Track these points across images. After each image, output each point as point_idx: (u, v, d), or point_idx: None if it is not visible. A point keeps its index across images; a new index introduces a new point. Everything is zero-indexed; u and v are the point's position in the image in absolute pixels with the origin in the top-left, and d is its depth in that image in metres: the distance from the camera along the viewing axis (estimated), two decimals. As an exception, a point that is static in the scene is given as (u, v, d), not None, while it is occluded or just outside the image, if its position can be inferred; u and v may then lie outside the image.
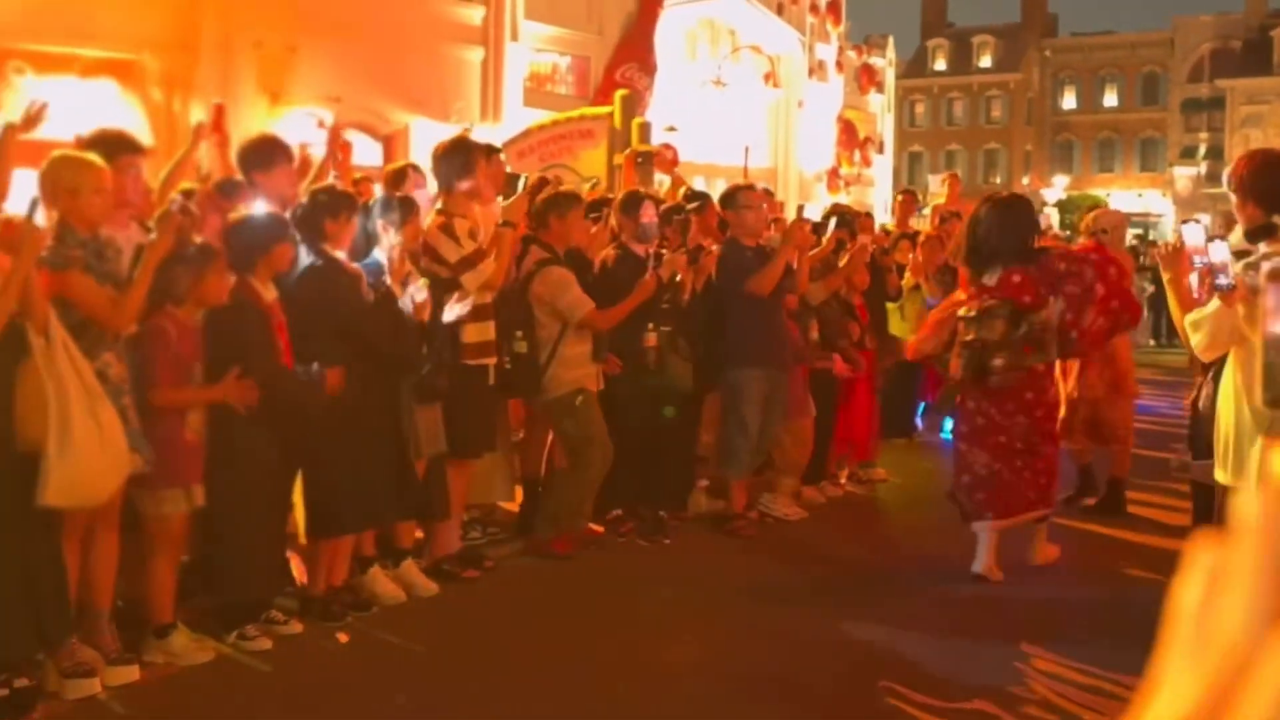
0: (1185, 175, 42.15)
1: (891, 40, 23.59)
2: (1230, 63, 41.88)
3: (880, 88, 21.94)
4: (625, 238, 5.28)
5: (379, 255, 4.24)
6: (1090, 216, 6.27)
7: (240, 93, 9.43)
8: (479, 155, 4.78)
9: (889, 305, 7.09)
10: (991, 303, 4.52)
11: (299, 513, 4.11)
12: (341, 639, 3.92)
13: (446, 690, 3.61)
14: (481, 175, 4.74)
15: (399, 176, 4.97)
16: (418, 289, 4.19)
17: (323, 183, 4.53)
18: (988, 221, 4.62)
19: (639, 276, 5.03)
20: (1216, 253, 3.13)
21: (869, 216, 7.96)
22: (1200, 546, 0.41)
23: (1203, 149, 42.52)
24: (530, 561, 4.89)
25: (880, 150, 21.64)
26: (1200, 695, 0.39)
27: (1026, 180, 42.57)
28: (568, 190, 5.27)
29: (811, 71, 19.03)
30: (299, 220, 4.10)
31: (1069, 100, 47.22)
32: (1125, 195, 43.27)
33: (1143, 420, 7.72)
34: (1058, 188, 41.39)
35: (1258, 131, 38.83)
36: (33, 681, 3.22)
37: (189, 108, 9.51)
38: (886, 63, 22.77)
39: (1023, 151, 45.88)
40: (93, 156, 3.49)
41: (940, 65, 47.38)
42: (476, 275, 4.49)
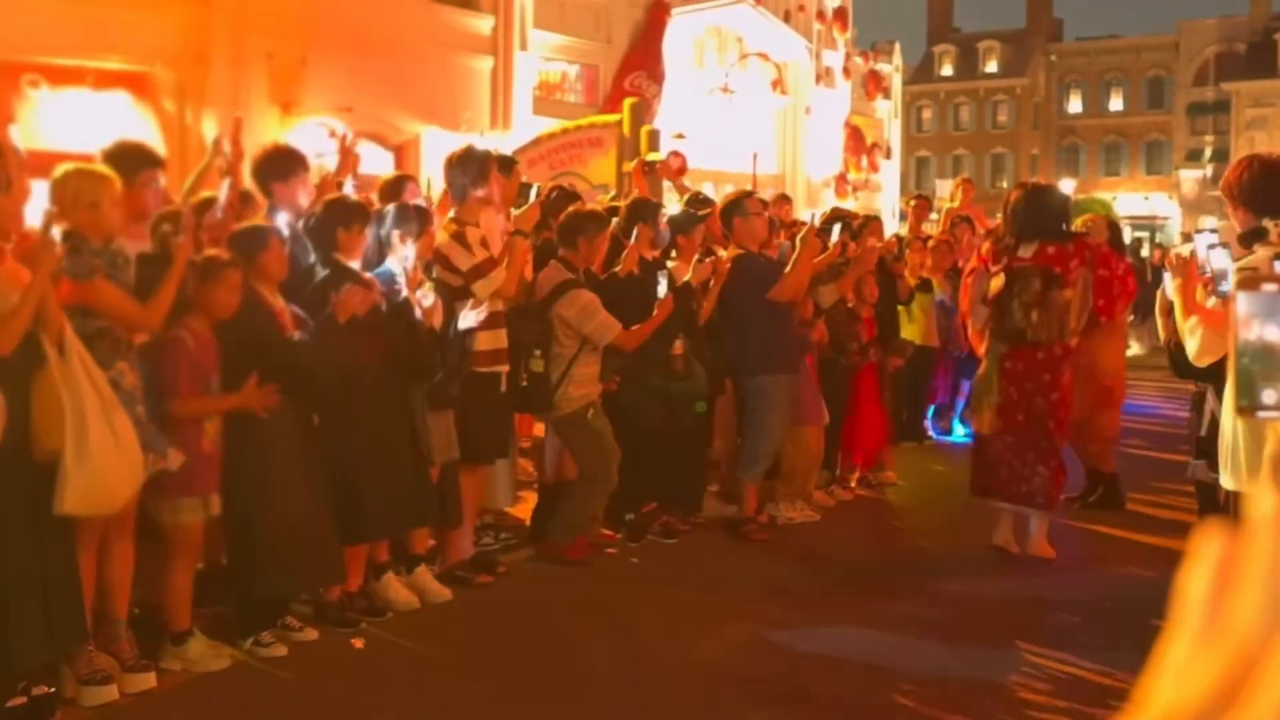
0: (1191, 178, 42.04)
1: (898, 46, 23.66)
2: (1235, 66, 41.81)
3: (887, 93, 22.00)
4: (643, 247, 5.30)
5: (391, 264, 4.27)
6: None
7: (252, 104, 9.51)
8: (492, 164, 4.82)
9: (899, 308, 7.13)
10: (1027, 264, 4.75)
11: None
12: (356, 645, 3.94)
13: (461, 695, 3.62)
14: (494, 184, 4.78)
15: (397, 186, 5.00)
16: (425, 294, 4.22)
17: (336, 193, 4.56)
18: (1023, 203, 4.90)
19: (655, 283, 5.08)
20: (1217, 259, 3.17)
21: (878, 220, 7.99)
22: (1208, 535, 0.42)
23: (1208, 152, 42.41)
24: (543, 567, 4.90)
25: (887, 155, 21.69)
26: (1211, 686, 0.39)
27: (1033, 184, 42.46)
28: (594, 210, 5.28)
29: (819, 78, 19.10)
30: (311, 230, 4.13)
31: (1075, 104, 47.18)
32: (1131, 198, 43.20)
33: (1144, 421, 7.74)
34: (1064, 191, 41.32)
35: (1263, 134, 38.74)
36: (51, 688, 3.24)
37: (201, 119, 9.61)
38: (893, 69, 22.83)
39: (1029, 155, 45.85)
40: (105, 169, 3.53)
41: (946, 71, 47.41)
42: (488, 283, 4.53)
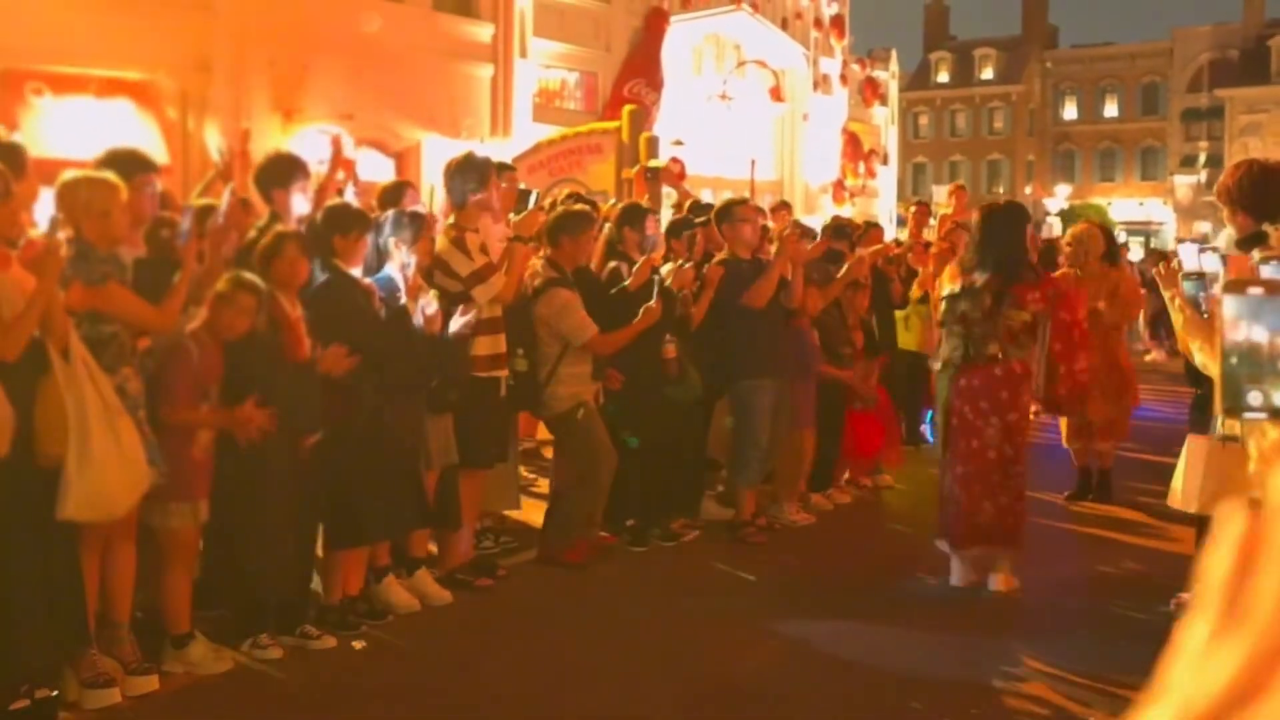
0: (1185, 184, 42.23)
1: (895, 53, 23.79)
2: (1229, 72, 42.03)
3: (884, 100, 22.10)
4: (629, 250, 5.34)
5: (390, 271, 4.29)
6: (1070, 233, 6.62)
7: (254, 111, 9.57)
8: (491, 170, 4.85)
9: (896, 315, 7.17)
10: (980, 281, 4.55)
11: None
12: (357, 648, 3.95)
13: (461, 697, 3.63)
14: (494, 190, 4.81)
15: (396, 193, 5.02)
16: (428, 302, 4.23)
17: (337, 199, 4.59)
18: (983, 229, 4.71)
19: (650, 289, 5.10)
20: (1209, 264, 3.19)
21: (877, 227, 8.03)
22: (1229, 518, 0.41)
23: (1202, 158, 42.62)
24: (543, 570, 4.92)
25: (884, 162, 21.78)
26: (1232, 675, 0.39)
27: (1029, 190, 42.70)
28: (579, 209, 5.28)
29: (816, 85, 19.20)
30: (311, 237, 4.16)
31: (1070, 111, 47.39)
32: (1126, 204, 43.37)
33: (1144, 422, 7.79)
34: (1060, 197, 41.51)
35: (1256, 140, 38.94)
36: (54, 691, 3.25)
37: (203, 126, 9.66)
38: (890, 76, 22.95)
39: (1025, 162, 46.03)
40: (114, 177, 3.54)
41: (943, 78, 47.61)
42: (487, 289, 4.56)
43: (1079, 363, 4.85)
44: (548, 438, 5.82)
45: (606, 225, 5.62)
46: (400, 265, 4.25)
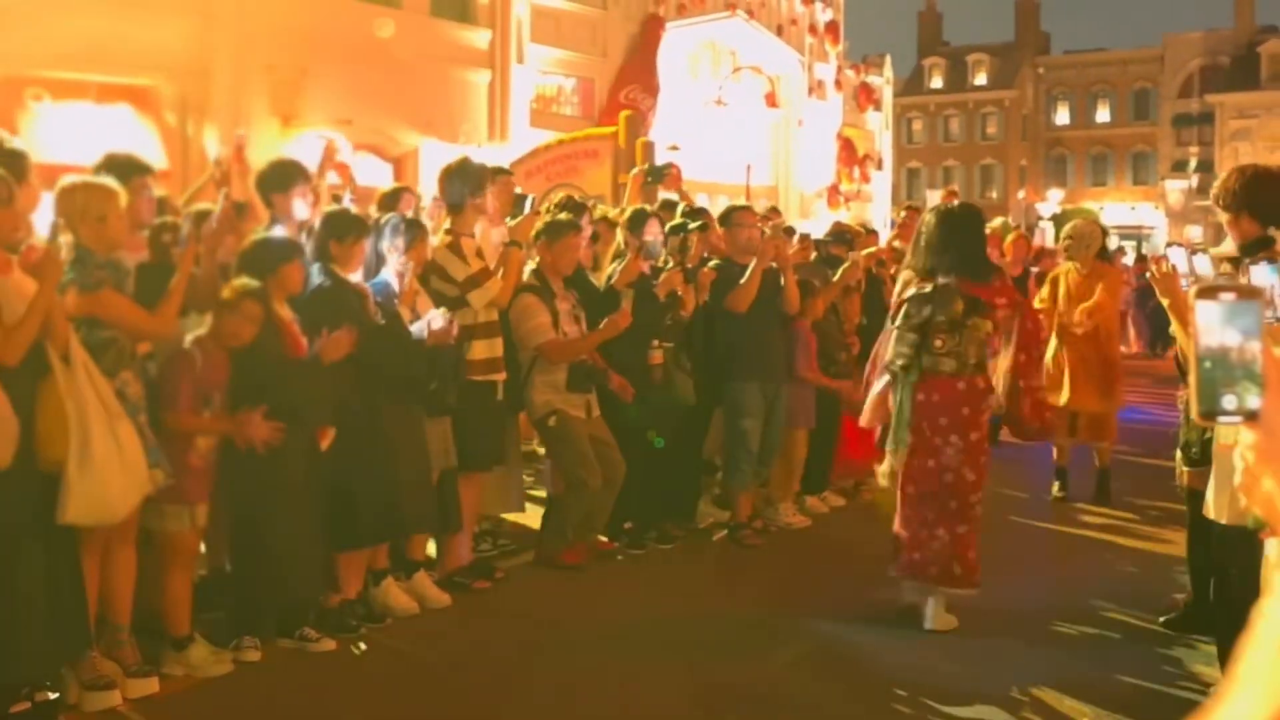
0: (1177, 188, 42.48)
1: (889, 59, 23.92)
2: (1219, 78, 42.32)
3: (878, 106, 22.22)
4: (630, 255, 5.35)
5: (387, 275, 4.33)
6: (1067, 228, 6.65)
7: (253, 116, 9.62)
8: (487, 176, 4.87)
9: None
10: (950, 283, 4.05)
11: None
12: (356, 650, 3.97)
13: (459, 699, 3.65)
14: (490, 195, 4.84)
15: (393, 198, 5.04)
16: (435, 316, 4.25)
17: (336, 205, 4.63)
18: (939, 232, 4.16)
19: (643, 292, 5.10)
20: (1201, 266, 3.14)
21: (874, 233, 8.10)
22: None
23: (1193, 162, 42.90)
24: (540, 572, 4.95)
25: (879, 167, 21.89)
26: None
27: (1022, 194, 42.96)
28: (560, 218, 5.22)
29: (811, 91, 19.30)
30: (312, 242, 4.20)
31: (1062, 116, 47.64)
32: (1118, 208, 43.58)
33: (1136, 426, 7.86)
34: (1052, 201, 41.72)
35: (1247, 145, 39.19)
36: (54, 693, 3.27)
37: (202, 131, 9.70)
38: (884, 81, 23.06)
39: (1018, 166, 46.25)
40: (112, 182, 3.56)
41: (937, 83, 47.84)
42: (483, 293, 4.60)
43: (1035, 379, 4.31)
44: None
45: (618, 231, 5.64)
46: (396, 271, 4.28)
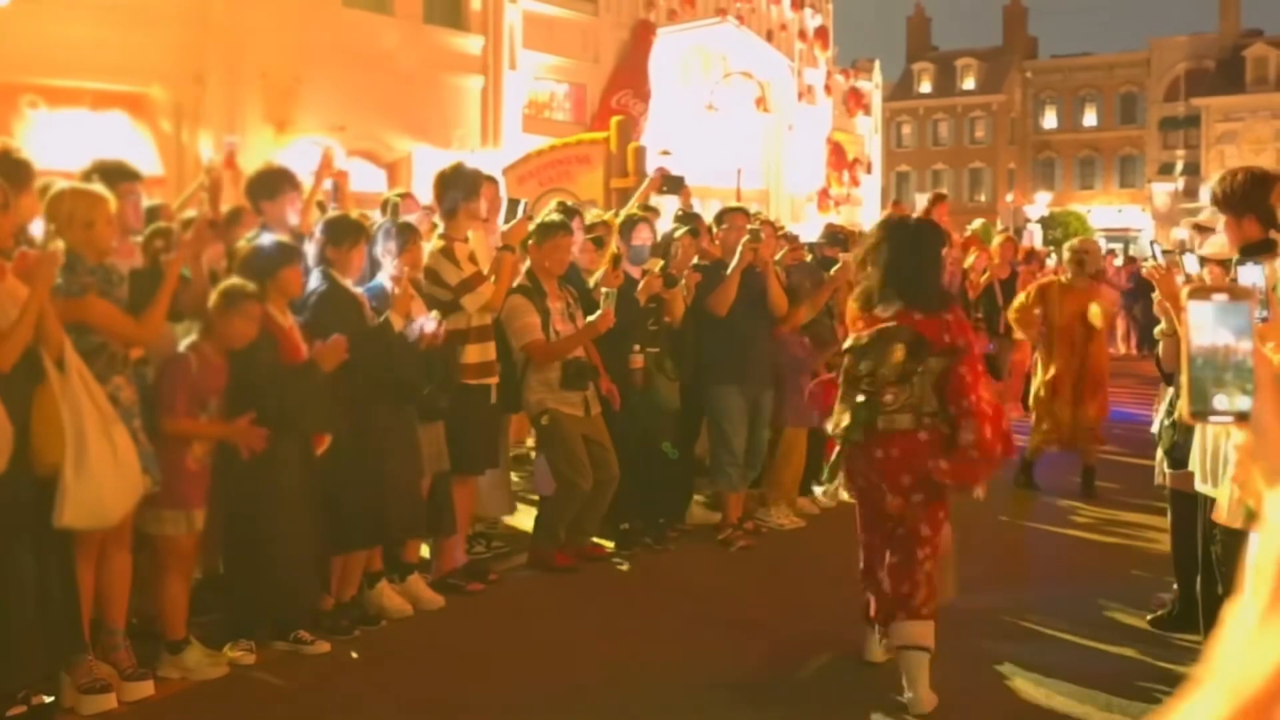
0: (1163, 191, 42.83)
1: (878, 64, 24.08)
2: (1205, 82, 42.70)
3: (867, 110, 22.37)
4: (622, 260, 5.42)
5: (382, 280, 4.38)
6: (1074, 244, 6.74)
7: (247, 123, 9.66)
8: (481, 181, 4.91)
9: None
10: (889, 326, 3.49)
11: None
12: (351, 652, 3.98)
13: (453, 700, 3.67)
14: (483, 200, 4.88)
15: (394, 203, 5.10)
16: (428, 319, 4.28)
17: (335, 212, 4.67)
18: (885, 250, 3.61)
19: (625, 297, 5.15)
20: (1189, 266, 3.11)
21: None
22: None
23: (1180, 165, 43.28)
24: (534, 574, 4.97)
25: (868, 170, 22.03)
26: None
27: (1010, 197, 43.22)
28: (554, 219, 5.26)
29: (801, 95, 19.43)
30: (313, 247, 4.25)
31: (1050, 120, 47.98)
32: (1105, 211, 43.91)
33: (1122, 426, 7.96)
34: (1040, 204, 42.01)
35: (1232, 148, 39.57)
36: (50, 697, 3.28)
37: (197, 138, 9.74)
38: (873, 86, 23.23)
39: (1006, 170, 46.55)
40: (101, 188, 3.59)
41: (925, 87, 48.13)
42: (476, 298, 4.64)
43: (968, 434, 3.46)
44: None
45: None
46: (391, 276, 4.32)
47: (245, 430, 3.71)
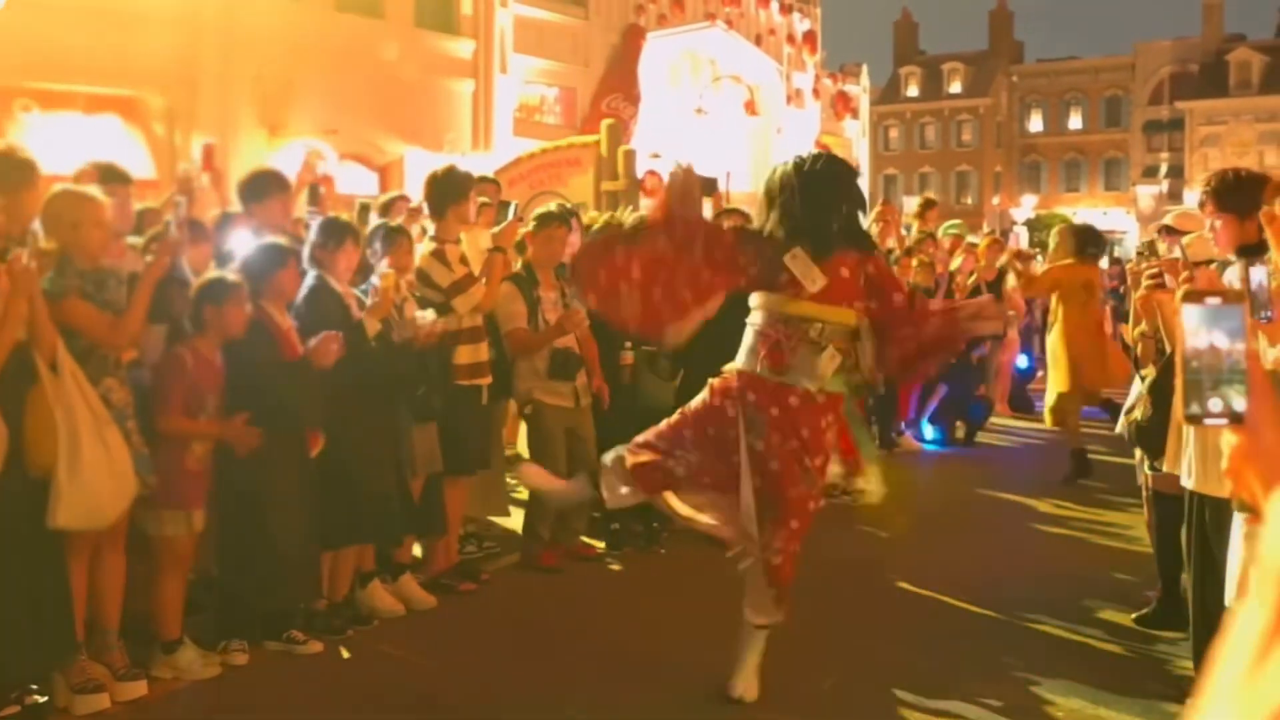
0: (1148, 193, 43.24)
1: (865, 68, 24.26)
2: (1189, 85, 43.14)
3: (855, 114, 22.52)
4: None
5: (374, 280, 4.39)
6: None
7: (240, 126, 9.69)
8: (472, 184, 4.97)
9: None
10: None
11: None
12: (343, 652, 4.00)
13: (444, 699, 3.69)
14: (473, 202, 4.94)
15: (388, 205, 5.17)
16: (423, 315, 4.33)
17: (330, 213, 4.73)
18: (799, 184, 3.38)
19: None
20: (1257, 277, 3.24)
21: None
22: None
23: (1164, 168, 43.71)
24: (525, 574, 4.99)
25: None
26: None
27: (997, 200, 43.56)
28: (553, 209, 5.39)
29: (789, 99, 19.56)
30: (306, 249, 4.29)
31: (1036, 123, 48.35)
32: (1091, 213, 44.16)
33: (1107, 425, 8.06)
34: (1026, 207, 42.38)
35: (1216, 151, 40.00)
36: (44, 697, 3.29)
37: (190, 141, 9.77)
38: (861, 89, 23.38)
39: (992, 173, 46.90)
40: (93, 190, 3.59)
41: (913, 91, 48.43)
42: (467, 299, 4.68)
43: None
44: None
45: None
46: (379, 273, 4.35)
47: (241, 429, 3.73)
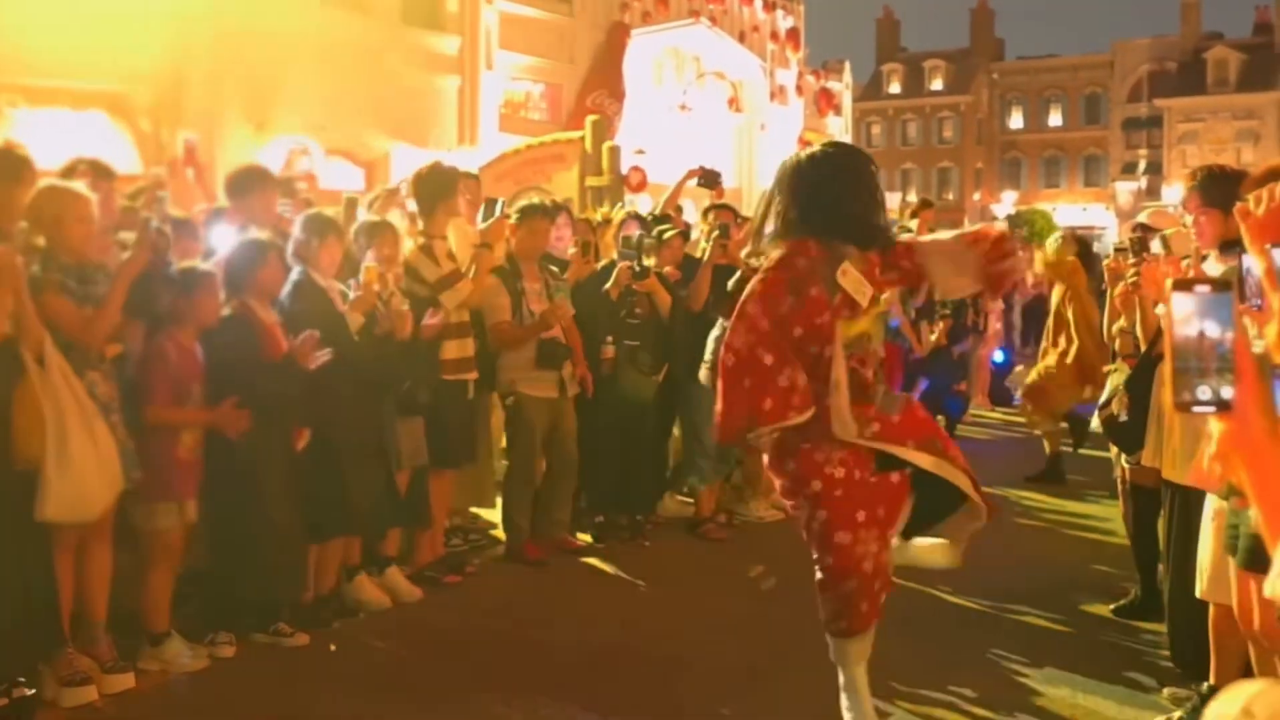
0: (1126, 189, 43.75)
1: (848, 65, 24.38)
2: (1167, 83, 43.64)
3: (838, 110, 22.63)
4: (591, 248, 5.59)
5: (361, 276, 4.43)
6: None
7: (226, 122, 9.68)
8: (459, 180, 5.00)
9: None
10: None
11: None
12: (330, 644, 4.02)
13: (431, 690, 3.71)
14: (460, 198, 4.97)
15: (380, 201, 5.19)
16: (400, 302, 4.35)
17: (315, 209, 4.74)
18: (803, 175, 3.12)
19: (595, 289, 5.29)
20: (1246, 264, 3.33)
21: None
22: None
23: (1142, 165, 44.23)
24: (510, 567, 5.03)
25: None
26: None
27: (977, 196, 43.93)
28: (537, 202, 5.48)
29: (773, 96, 19.63)
30: (291, 244, 4.31)
31: (1016, 120, 48.75)
32: (1070, 209, 44.73)
33: (1086, 419, 8.20)
34: (1006, 203, 42.79)
35: (1194, 147, 40.51)
36: (31, 690, 3.29)
37: (176, 136, 9.75)
38: (844, 86, 23.51)
39: (973, 169, 47.27)
40: (77, 186, 3.58)
41: (895, 88, 48.72)
42: (454, 294, 4.71)
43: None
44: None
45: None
46: (364, 266, 4.37)
47: (230, 414, 3.74)
